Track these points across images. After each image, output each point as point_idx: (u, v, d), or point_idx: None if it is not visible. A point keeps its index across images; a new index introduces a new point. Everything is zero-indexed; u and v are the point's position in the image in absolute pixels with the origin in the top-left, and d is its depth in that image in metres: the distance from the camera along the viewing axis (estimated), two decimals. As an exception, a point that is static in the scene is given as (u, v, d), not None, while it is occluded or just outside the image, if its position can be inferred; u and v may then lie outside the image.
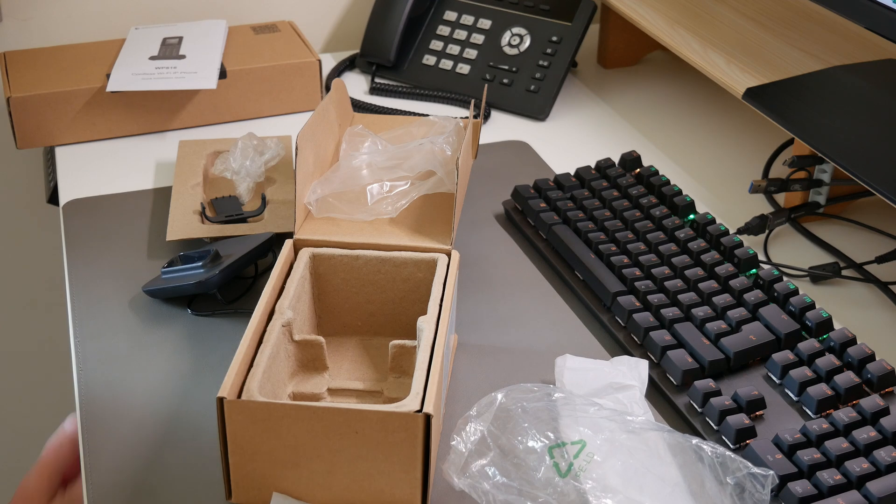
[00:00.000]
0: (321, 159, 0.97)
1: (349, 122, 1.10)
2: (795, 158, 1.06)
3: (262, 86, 1.28)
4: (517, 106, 1.31)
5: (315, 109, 0.96)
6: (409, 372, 0.83)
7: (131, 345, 0.91)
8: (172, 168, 1.16)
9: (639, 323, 0.88)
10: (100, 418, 0.83)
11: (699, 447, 0.72)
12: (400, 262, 0.87)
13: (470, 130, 0.97)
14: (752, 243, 1.04)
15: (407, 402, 0.70)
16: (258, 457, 0.72)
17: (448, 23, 1.40)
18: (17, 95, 1.19)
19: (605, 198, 1.04)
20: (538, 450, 0.70)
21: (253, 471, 0.72)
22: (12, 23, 1.37)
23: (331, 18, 1.51)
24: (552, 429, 0.72)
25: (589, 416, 0.72)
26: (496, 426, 0.71)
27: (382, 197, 0.94)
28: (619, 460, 0.70)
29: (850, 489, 0.73)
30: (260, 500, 0.73)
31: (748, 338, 0.86)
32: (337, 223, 0.91)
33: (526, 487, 0.68)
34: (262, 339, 0.78)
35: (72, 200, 1.12)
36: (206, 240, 1.02)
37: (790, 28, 1.24)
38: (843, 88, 1.09)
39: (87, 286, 0.98)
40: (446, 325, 0.79)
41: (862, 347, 0.84)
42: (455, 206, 0.90)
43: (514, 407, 0.72)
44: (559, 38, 1.33)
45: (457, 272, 0.85)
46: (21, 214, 1.48)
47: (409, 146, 0.99)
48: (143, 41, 1.31)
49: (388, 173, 0.97)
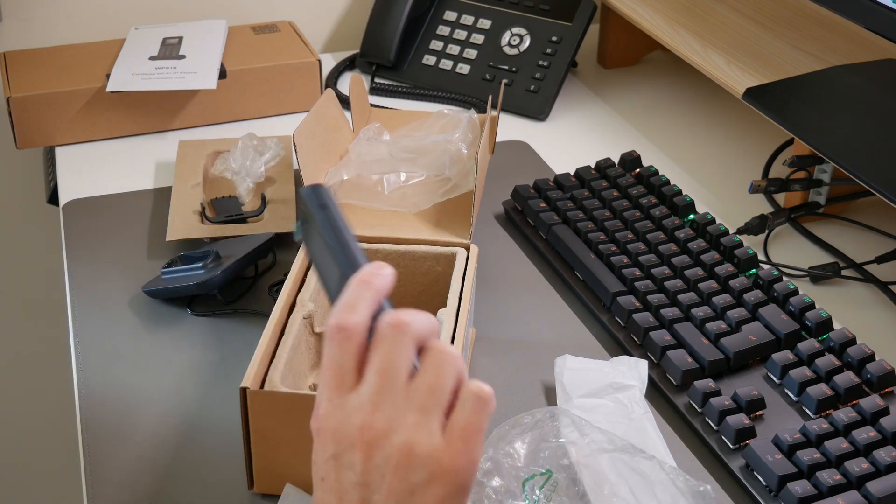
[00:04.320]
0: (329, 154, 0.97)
1: (366, 118, 1.10)
2: (795, 158, 1.06)
3: (262, 86, 1.28)
4: (517, 106, 1.31)
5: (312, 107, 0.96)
6: None
7: (131, 345, 0.91)
8: (172, 168, 1.16)
9: (639, 323, 0.88)
10: (100, 418, 0.83)
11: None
12: (419, 256, 0.87)
13: (488, 126, 0.98)
14: (752, 243, 1.04)
15: None
16: (280, 447, 0.73)
17: (448, 23, 1.40)
18: (17, 95, 1.19)
19: (604, 198, 1.04)
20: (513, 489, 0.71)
21: (274, 461, 0.74)
22: (12, 23, 1.37)
23: (331, 18, 1.51)
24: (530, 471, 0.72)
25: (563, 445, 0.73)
26: (482, 475, 0.72)
27: (399, 187, 0.95)
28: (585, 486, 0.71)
29: (849, 489, 0.73)
30: (280, 491, 0.74)
31: (748, 338, 0.86)
32: (356, 216, 0.92)
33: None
34: (284, 331, 0.79)
35: (72, 200, 1.12)
36: (206, 240, 1.02)
37: (790, 28, 1.24)
38: (843, 88, 1.09)
39: (87, 286, 0.98)
40: (466, 318, 0.79)
41: (862, 347, 0.84)
42: (474, 201, 0.90)
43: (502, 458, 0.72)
44: (559, 38, 1.33)
45: (475, 266, 0.86)
46: (21, 214, 1.48)
47: (425, 141, 0.99)
48: (143, 41, 1.31)
49: (403, 165, 0.97)
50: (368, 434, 0.51)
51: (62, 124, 1.22)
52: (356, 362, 0.52)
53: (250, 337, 0.86)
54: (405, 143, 1.00)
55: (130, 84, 1.21)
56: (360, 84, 1.08)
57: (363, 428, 0.51)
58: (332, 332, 0.52)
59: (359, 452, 0.51)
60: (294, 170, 1.11)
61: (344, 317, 0.52)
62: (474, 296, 0.87)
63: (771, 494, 0.74)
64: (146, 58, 1.26)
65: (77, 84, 1.21)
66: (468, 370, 0.87)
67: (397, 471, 0.51)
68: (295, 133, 0.89)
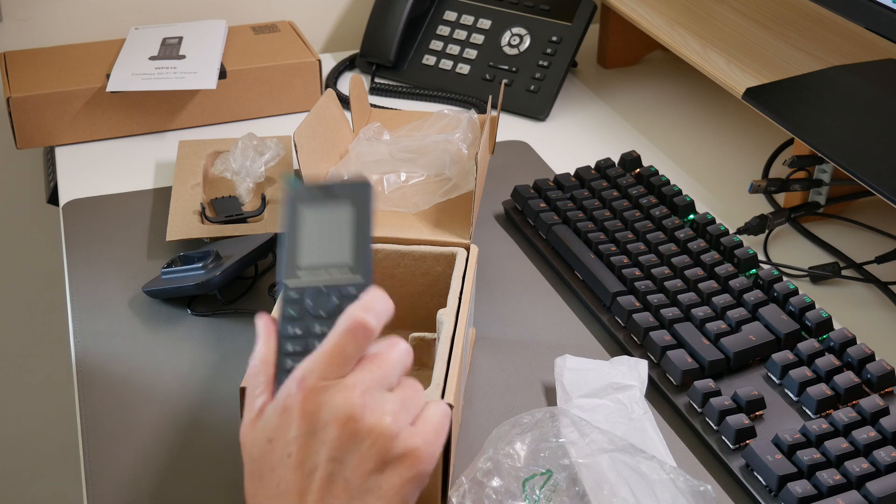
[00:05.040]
0: (330, 154, 0.97)
1: (366, 118, 1.10)
2: (795, 158, 1.06)
3: (262, 86, 1.28)
4: (517, 106, 1.31)
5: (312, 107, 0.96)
6: (428, 364, 0.83)
7: (131, 345, 0.91)
8: (172, 168, 1.16)
9: (639, 323, 0.88)
10: (100, 418, 0.83)
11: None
12: (419, 256, 0.87)
13: (488, 126, 0.98)
14: (752, 243, 1.04)
15: (428, 394, 0.71)
16: None
17: (448, 23, 1.40)
18: (17, 95, 1.19)
19: (604, 198, 1.04)
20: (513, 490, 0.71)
21: None
22: (12, 23, 1.37)
23: (331, 18, 1.51)
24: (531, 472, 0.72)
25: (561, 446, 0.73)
26: (482, 475, 0.72)
27: (399, 187, 0.95)
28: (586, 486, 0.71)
29: (849, 489, 0.73)
30: None
31: (748, 338, 0.86)
32: None
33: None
34: None
35: (72, 200, 1.12)
36: (206, 240, 1.02)
37: (790, 28, 1.24)
38: (843, 88, 1.09)
39: (87, 286, 0.98)
40: (466, 318, 0.79)
41: (862, 347, 0.84)
42: (474, 201, 0.90)
43: (502, 459, 0.72)
44: (559, 38, 1.33)
45: (475, 266, 0.86)
46: (21, 214, 1.48)
47: (425, 141, 0.99)
48: (143, 41, 1.31)
49: (403, 165, 0.97)
50: (352, 411, 0.55)
51: (62, 124, 1.22)
52: (357, 358, 0.57)
53: (250, 337, 0.85)
54: (405, 143, 1.00)
55: (130, 84, 1.21)
56: (360, 84, 1.08)
57: (349, 405, 0.55)
58: (353, 325, 0.56)
59: (338, 428, 0.54)
60: (294, 170, 1.12)
61: (369, 317, 0.57)
62: (474, 296, 0.87)
63: (771, 494, 0.74)
64: (146, 58, 1.26)
65: (77, 84, 1.21)
66: (468, 370, 0.87)
67: (375, 447, 0.55)
68: (295, 133, 0.89)
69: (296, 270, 0.60)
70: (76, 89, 1.21)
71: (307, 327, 0.59)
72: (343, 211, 0.60)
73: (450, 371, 0.73)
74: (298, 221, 0.61)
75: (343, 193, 0.61)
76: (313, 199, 0.61)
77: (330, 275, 0.59)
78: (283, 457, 0.55)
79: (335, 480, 0.54)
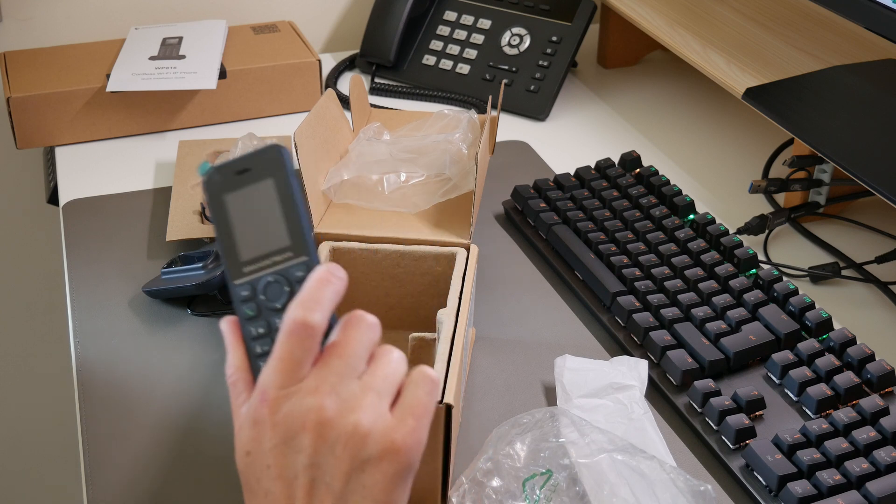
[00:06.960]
0: (329, 154, 0.97)
1: (366, 118, 1.10)
2: (795, 158, 1.06)
3: (262, 86, 1.28)
4: (517, 106, 1.31)
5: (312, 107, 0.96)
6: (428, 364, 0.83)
7: (131, 345, 0.91)
8: (172, 168, 1.16)
9: (639, 323, 0.88)
10: (100, 418, 0.83)
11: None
12: (419, 256, 0.87)
13: (488, 126, 0.98)
14: (752, 243, 1.04)
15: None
16: None
17: (448, 23, 1.40)
18: (17, 95, 1.19)
19: (604, 198, 1.04)
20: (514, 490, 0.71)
21: None
22: (12, 23, 1.37)
23: (331, 18, 1.51)
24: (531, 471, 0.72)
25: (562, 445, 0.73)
26: (482, 475, 0.72)
27: (399, 187, 0.95)
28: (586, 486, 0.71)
29: (849, 489, 0.73)
30: None
31: (748, 338, 0.86)
32: (356, 216, 0.92)
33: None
34: None
35: (72, 200, 1.12)
36: (206, 240, 1.02)
37: (790, 28, 1.24)
38: (843, 88, 1.09)
39: (87, 286, 0.98)
40: (465, 318, 0.79)
41: (862, 347, 0.84)
42: (474, 201, 0.90)
43: (502, 460, 0.72)
44: (559, 38, 1.33)
45: (475, 266, 0.86)
46: (21, 214, 1.48)
47: (425, 141, 0.99)
48: (143, 41, 1.31)
49: (403, 165, 0.97)
50: (320, 415, 0.53)
51: (62, 124, 1.22)
52: (311, 358, 0.54)
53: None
54: (405, 143, 1.00)
55: (130, 84, 1.21)
56: (360, 84, 1.08)
57: (316, 409, 0.53)
58: (294, 327, 0.54)
59: (310, 434, 0.53)
60: (294, 170, 1.11)
61: (308, 314, 0.54)
62: (474, 296, 0.88)
63: (771, 494, 0.74)
64: (146, 58, 1.26)
65: (77, 84, 1.21)
66: (468, 370, 0.87)
67: (348, 448, 0.53)
68: (295, 133, 0.89)
69: (240, 268, 0.56)
70: (76, 89, 1.21)
71: (268, 323, 0.56)
72: (264, 187, 0.56)
73: (450, 371, 0.73)
74: (226, 214, 0.57)
75: (257, 166, 0.56)
76: (232, 184, 0.57)
77: (274, 263, 0.56)
78: (262, 468, 0.54)
79: (317, 486, 0.53)
